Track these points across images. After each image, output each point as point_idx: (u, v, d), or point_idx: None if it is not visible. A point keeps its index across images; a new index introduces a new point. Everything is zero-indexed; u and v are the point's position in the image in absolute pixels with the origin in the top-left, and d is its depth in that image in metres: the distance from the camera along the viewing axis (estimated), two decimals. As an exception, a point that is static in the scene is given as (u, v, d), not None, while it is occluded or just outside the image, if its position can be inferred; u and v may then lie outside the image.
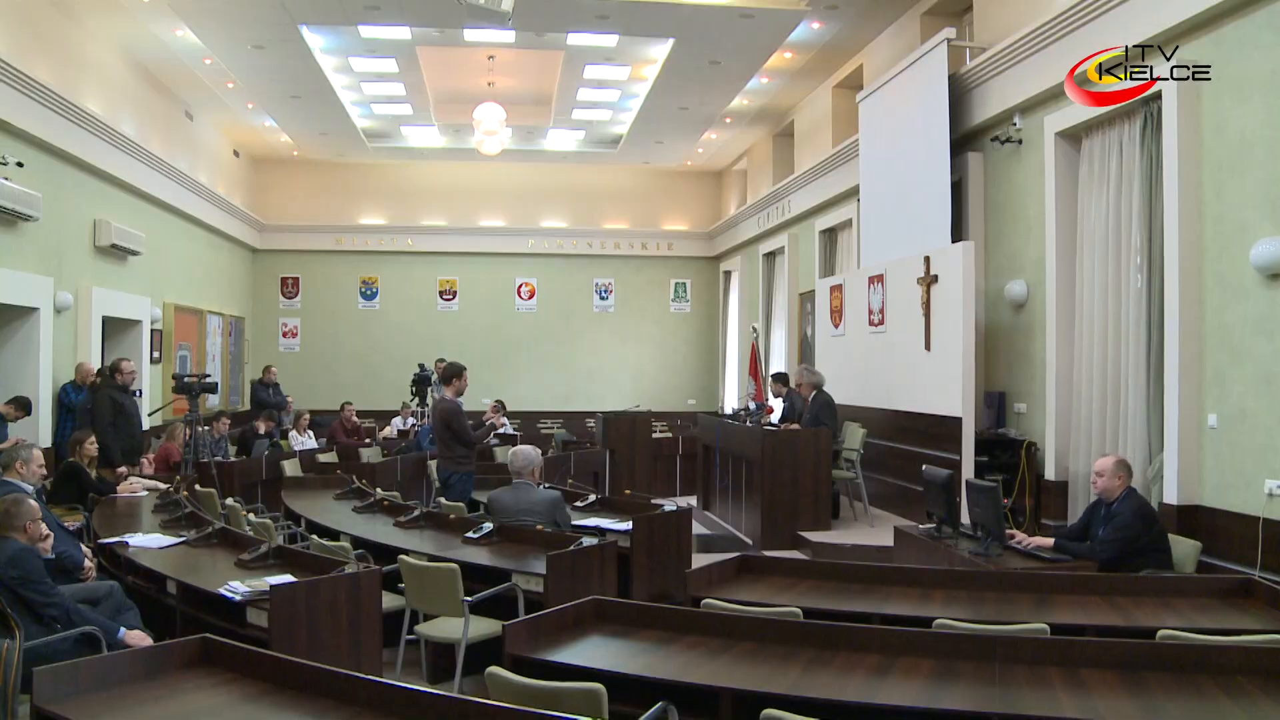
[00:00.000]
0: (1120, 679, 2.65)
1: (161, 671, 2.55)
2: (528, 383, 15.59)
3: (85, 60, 9.10)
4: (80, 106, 8.53)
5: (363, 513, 5.76)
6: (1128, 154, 6.04)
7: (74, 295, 8.64)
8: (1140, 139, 5.90)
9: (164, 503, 5.62)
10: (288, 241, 15.20)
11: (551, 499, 5.11)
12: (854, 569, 3.98)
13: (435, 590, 4.11)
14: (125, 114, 9.90)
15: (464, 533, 4.88)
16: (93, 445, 6.39)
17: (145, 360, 10.14)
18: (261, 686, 2.48)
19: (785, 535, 7.33)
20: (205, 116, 12.44)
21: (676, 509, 5.56)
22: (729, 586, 3.79)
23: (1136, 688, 2.60)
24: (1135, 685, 2.61)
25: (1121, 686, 2.61)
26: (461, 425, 6.50)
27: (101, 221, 9.19)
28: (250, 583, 3.65)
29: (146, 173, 10.23)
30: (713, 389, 16.02)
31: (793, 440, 7.42)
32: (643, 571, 5.10)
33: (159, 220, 10.89)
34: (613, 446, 9.60)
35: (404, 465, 8.79)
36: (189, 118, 11.95)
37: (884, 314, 8.40)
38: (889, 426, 8.16)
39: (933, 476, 5.01)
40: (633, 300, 16.00)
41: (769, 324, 13.24)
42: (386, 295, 15.50)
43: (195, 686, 2.50)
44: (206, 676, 2.56)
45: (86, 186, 9.01)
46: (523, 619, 2.97)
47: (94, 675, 2.43)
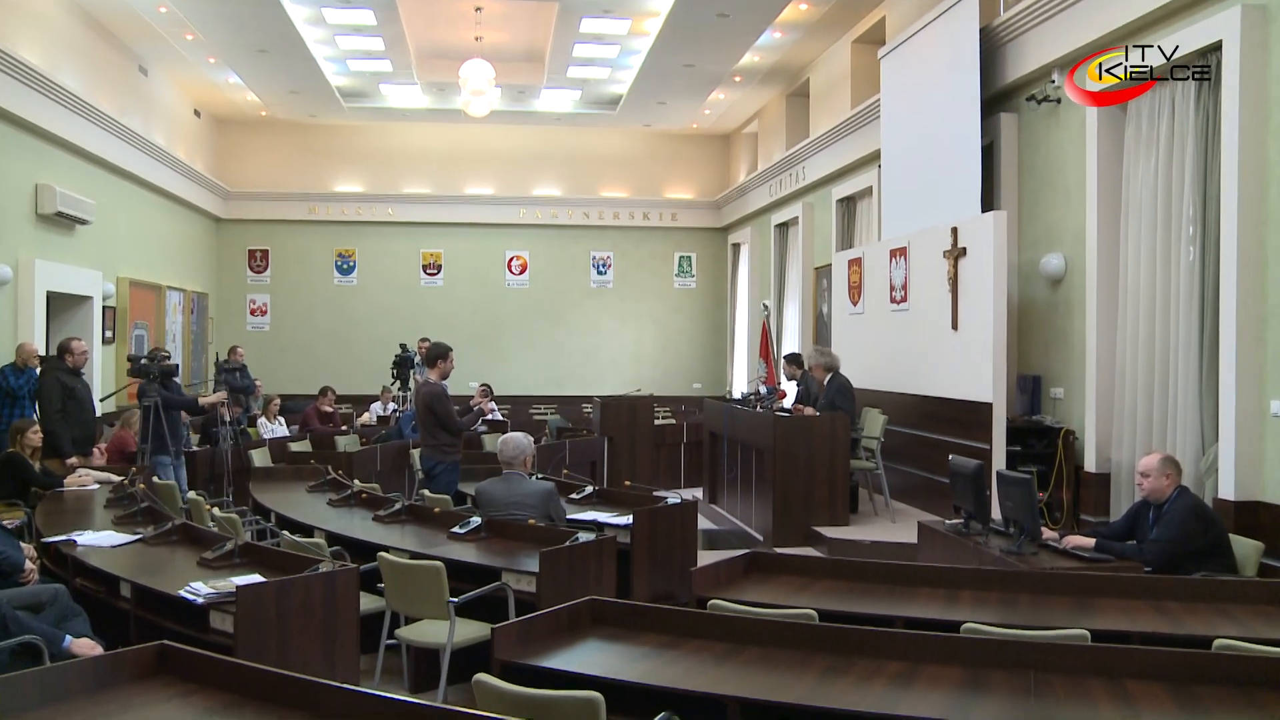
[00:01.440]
0: (1170, 693, 2.63)
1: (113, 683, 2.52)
2: (519, 365, 15.60)
3: (19, 4, 8.90)
4: (15, 56, 8.34)
5: (339, 506, 5.76)
6: (1180, 112, 5.97)
7: (13, 268, 8.58)
8: (1195, 95, 5.82)
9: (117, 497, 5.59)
10: (255, 210, 15.15)
11: (544, 491, 5.11)
12: (874, 568, 3.98)
13: (418, 591, 4.10)
14: (68, 66, 9.74)
15: (449, 528, 4.89)
16: (36, 434, 6.34)
17: (97, 340, 10.10)
18: (226, 698, 2.45)
19: (799, 531, 7.35)
20: (161, 72, 12.33)
21: (680, 502, 5.57)
22: (737, 586, 3.80)
23: (1188, 703, 2.57)
24: (1187, 700, 2.59)
25: (1171, 701, 2.58)
26: (447, 411, 6.50)
27: (44, 187, 9.11)
28: (214, 584, 3.64)
29: (95, 133, 10.11)
30: (720, 371, 16.04)
31: (807, 427, 7.42)
32: (644, 570, 5.11)
33: (111, 186, 10.81)
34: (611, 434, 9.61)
35: (384, 454, 8.81)
36: (143, 73, 11.82)
37: (907, 290, 8.39)
38: (912, 413, 8.15)
39: (960, 467, 5.01)
40: (633, 275, 15.99)
41: (781, 301, 13.26)
42: (365, 269, 15.47)
43: (151, 699, 2.47)
44: (164, 688, 2.53)
45: (25, 147, 8.90)
46: (513, 621, 2.97)
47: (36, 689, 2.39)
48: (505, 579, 4.17)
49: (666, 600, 5.03)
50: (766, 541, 7.43)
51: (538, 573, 4.07)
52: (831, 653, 2.88)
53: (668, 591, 5.19)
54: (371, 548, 4.60)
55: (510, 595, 4.12)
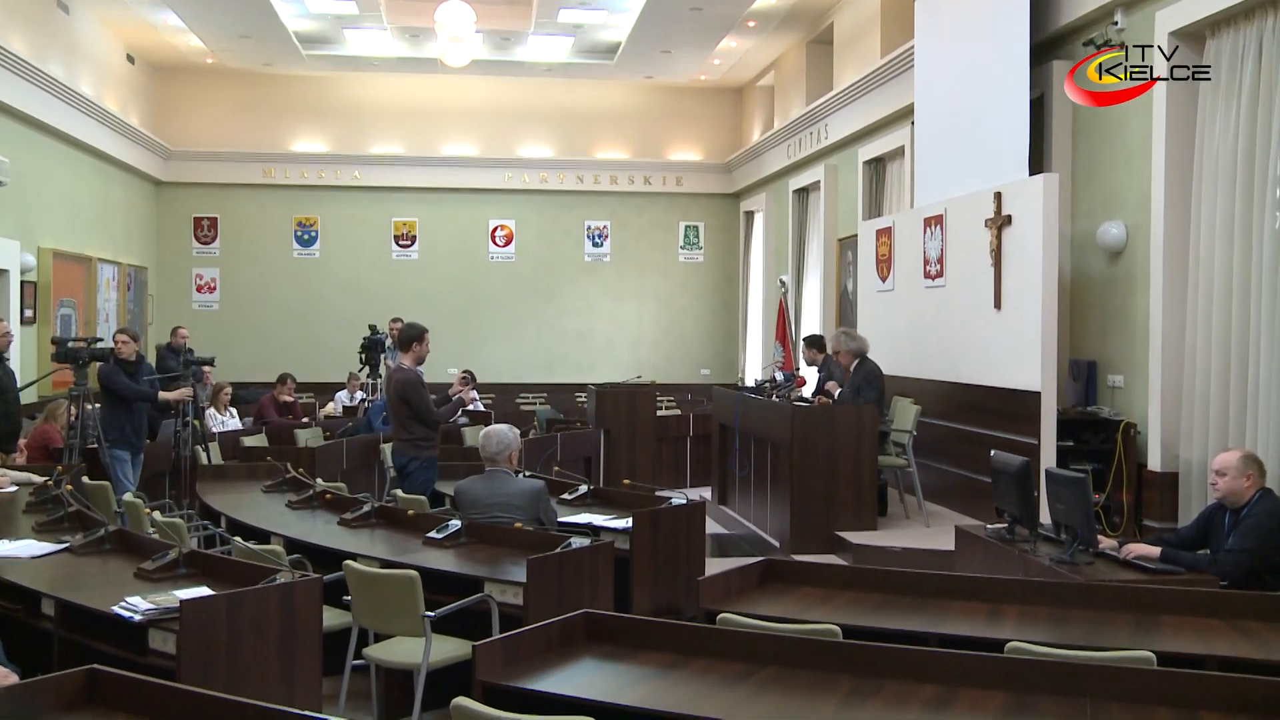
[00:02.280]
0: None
1: (31, 716, 2.48)
2: (504, 348, 15.59)
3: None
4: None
5: (299, 509, 5.78)
6: (1270, 57, 5.90)
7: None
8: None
9: (40, 500, 5.54)
10: (202, 173, 15.11)
11: (533, 490, 5.13)
12: (905, 578, 3.99)
13: (389, 604, 4.11)
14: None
15: (425, 532, 4.91)
16: None
17: (15, 320, 10.07)
18: (166, 728, 2.43)
19: (820, 536, 7.37)
20: (86, 9, 12.23)
21: (686, 503, 5.59)
22: (751, 598, 3.81)
23: (1272, 735, 2.55)
24: (1270, 731, 2.57)
25: (1252, 733, 2.56)
26: (422, 400, 6.51)
27: (-55, 143, 9.04)
28: (154, 598, 3.61)
29: (6, 80, 9.98)
30: (731, 356, 16.04)
31: (830, 418, 7.42)
32: (645, 579, 5.13)
33: (28, 143, 10.73)
34: (608, 426, 9.62)
35: (351, 450, 8.83)
36: (63, 9, 11.69)
37: (943, 264, 8.40)
38: (949, 402, 8.16)
39: (1004, 465, 5.02)
40: (633, 247, 15.97)
41: (800, 276, 13.26)
42: (328, 240, 15.45)
43: (79, 731, 2.44)
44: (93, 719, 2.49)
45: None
46: (497, 638, 2.97)
47: (-59, 723, 2.37)
48: (488, 590, 4.18)
49: (670, 614, 5.03)
50: (783, 548, 7.45)
51: (525, 583, 4.08)
52: (857, 674, 2.87)
53: (672, 604, 5.21)
54: (336, 555, 4.60)
55: (494, 608, 4.13)
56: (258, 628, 3.52)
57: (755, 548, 7.88)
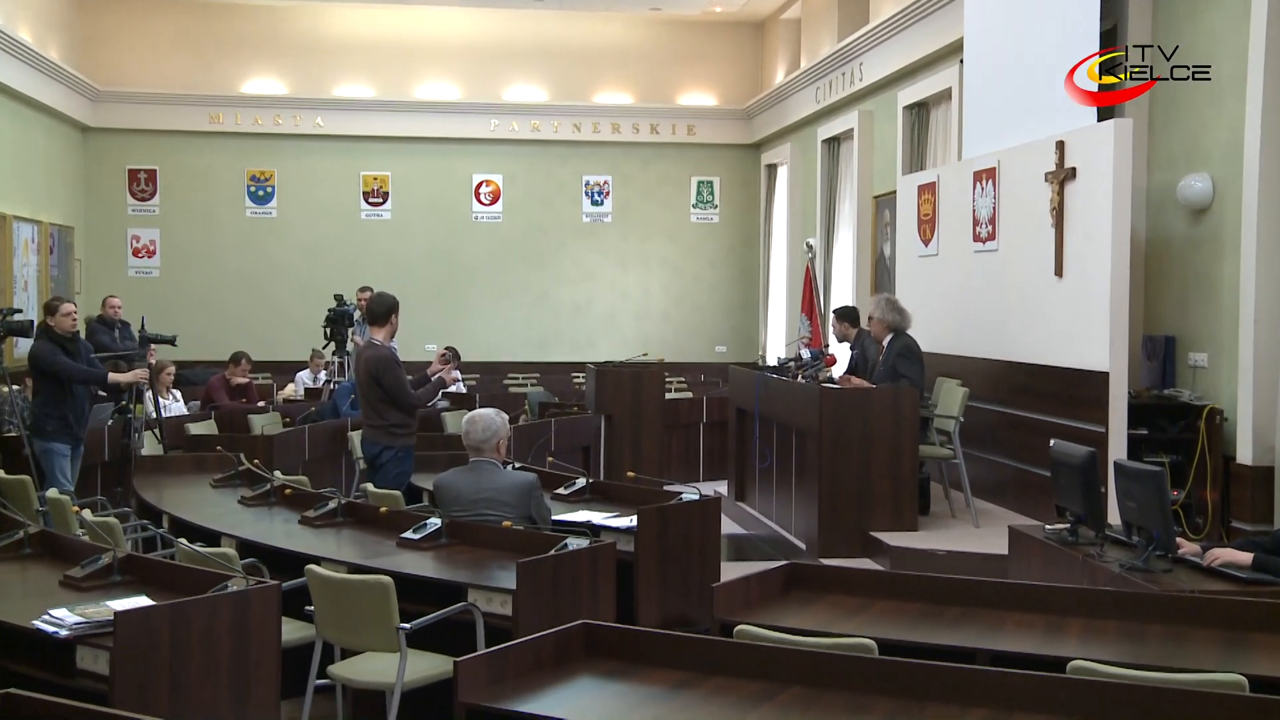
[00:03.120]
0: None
1: (-68, 753, 2.48)
2: (489, 322, 15.60)
3: None
4: None
5: (254, 505, 5.81)
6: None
7: None
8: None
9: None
10: (137, 117, 15.05)
11: (523, 484, 5.16)
12: (951, 586, 4.00)
13: (358, 614, 4.12)
14: None
15: (400, 532, 4.93)
16: None
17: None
18: (97, 760, 2.43)
19: (853, 537, 7.39)
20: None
21: (700, 498, 5.61)
22: (773, 608, 3.82)
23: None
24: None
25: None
26: (397, 381, 6.52)
27: None
28: (83, 610, 3.62)
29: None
30: (750, 331, 16.05)
31: (865, 402, 7.43)
32: (651, 586, 5.15)
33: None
34: (609, 411, 9.63)
35: (314, 438, 8.86)
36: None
37: (996, 225, 8.39)
38: (1001, 384, 8.16)
39: (1066, 456, 5.02)
40: (638, 206, 15.95)
41: (830, 239, 13.28)
42: (287, 198, 15.44)
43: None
44: (11, 752, 2.50)
45: None
46: (483, 653, 2.99)
47: None
48: (473, 598, 4.20)
49: (681, 625, 5.05)
50: (810, 550, 7.47)
51: (514, 590, 4.09)
52: (895, 695, 2.87)
53: (682, 614, 5.23)
54: (297, 559, 4.62)
55: (479, 619, 4.14)
56: (206, 643, 3.51)
57: (778, 550, 7.88)
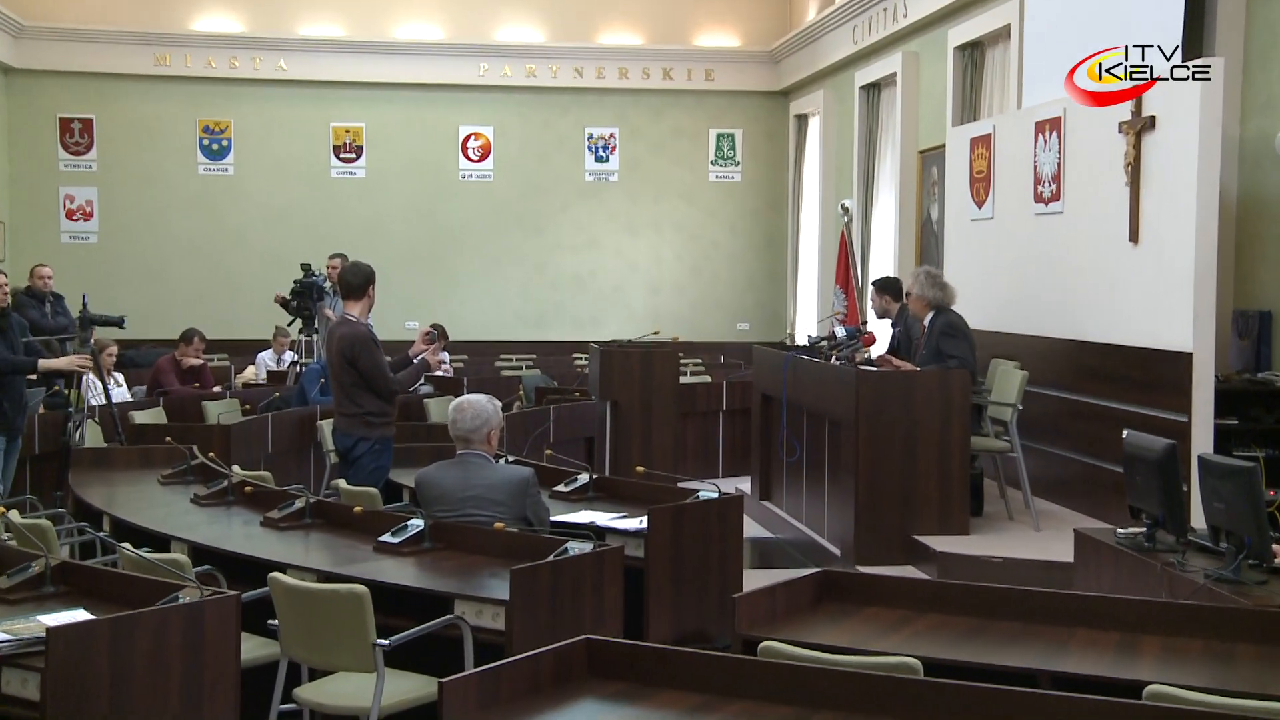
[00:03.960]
0: None
1: None
2: (479, 296, 15.61)
3: None
4: None
5: (209, 505, 5.80)
6: None
7: None
8: None
9: None
10: (70, 58, 14.98)
11: (517, 480, 5.16)
12: (1007, 598, 3.98)
13: (329, 629, 4.11)
14: None
15: (377, 536, 4.92)
16: None
17: None
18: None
19: (894, 541, 7.39)
20: None
21: (719, 497, 5.60)
22: (803, 622, 3.81)
23: None
24: None
25: None
26: (374, 363, 6.51)
27: None
28: (10, 626, 3.59)
29: None
30: (777, 306, 16.05)
31: (908, 387, 7.43)
32: (664, 596, 5.15)
33: None
34: (615, 398, 9.63)
35: (278, 428, 8.88)
36: None
37: (1060, 184, 8.36)
38: (1066, 366, 8.15)
39: (1141, 449, 4.99)
40: (649, 163, 15.92)
41: (869, 201, 13.25)
42: (246, 152, 15.43)
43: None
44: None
45: None
46: (472, 673, 2.97)
47: None
48: (460, 610, 4.19)
49: (698, 641, 5.05)
50: (846, 556, 7.48)
51: (508, 600, 4.09)
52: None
53: (699, 628, 5.23)
54: (259, 566, 4.60)
55: (467, 634, 4.15)
56: (153, 663, 3.48)
57: (808, 556, 7.90)
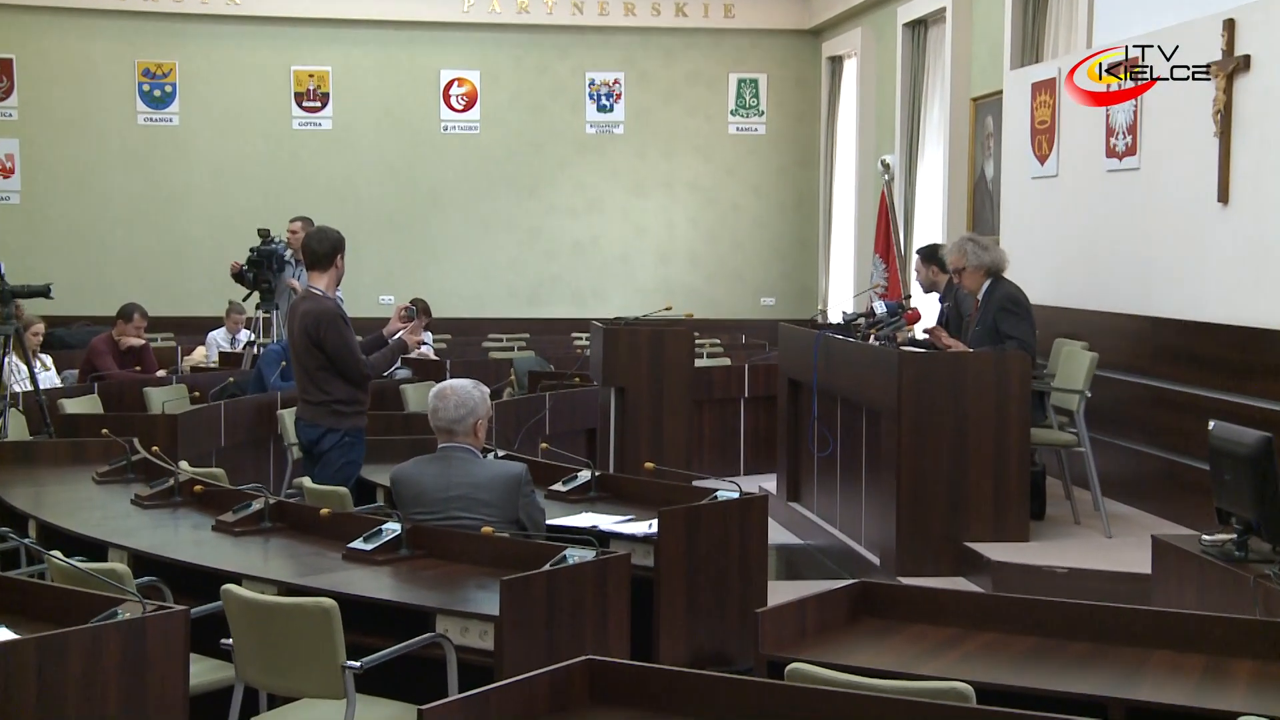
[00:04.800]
0: None
1: None
2: (464, 266, 15.64)
3: None
4: None
5: (152, 506, 5.81)
6: None
7: None
8: None
9: None
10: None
11: (508, 478, 5.18)
12: (1074, 614, 3.99)
13: (292, 649, 4.11)
14: None
15: (347, 542, 4.94)
16: None
17: None
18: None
19: (942, 548, 7.40)
20: None
21: (740, 497, 5.61)
22: (836, 640, 3.83)
23: None
24: None
25: None
26: (343, 344, 6.53)
27: None
28: None
29: None
30: (807, 278, 16.09)
31: (958, 372, 7.41)
32: (676, 611, 5.17)
33: None
34: (622, 383, 9.61)
35: (232, 418, 8.89)
36: None
37: (1137, 135, 8.37)
38: (1143, 347, 8.18)
39: (1231, 443, 4.98)
40: (659, 114, 15.96)
41: (914, 157, 13.26)
42: (193, 100, 15.46)
43: None
44: None
45: None
46: (456, 699, 3.00)
47: None
48: (443, 627, 4.21)
49: (716, 664, 5.07)
50: (886, 566, 7.48)
51: (498, 616, 4.10)
52: (1001, 755, 2.89)
53: (717, 648, 5.25)
54: (211, 577, 4.61)
55: (451, 655, 4.16)
56: (87, 688, 3.48)
57: (843, 565, 7.91)
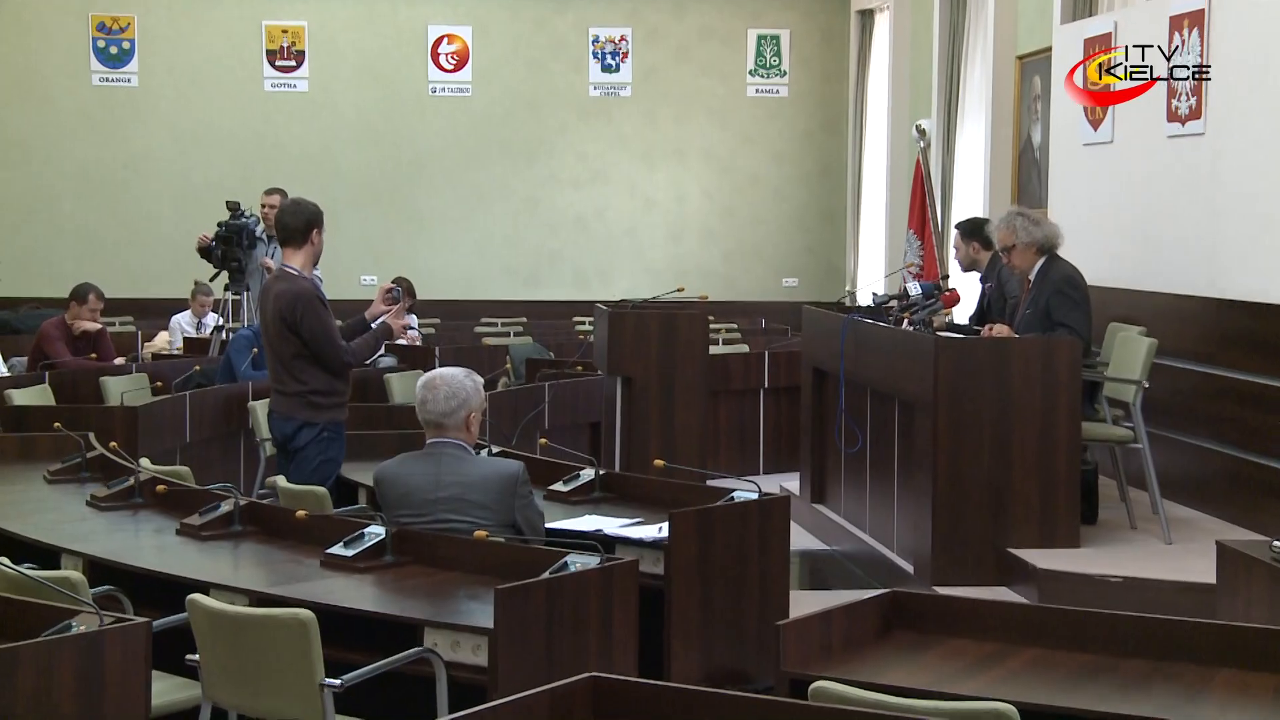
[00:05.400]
0: None
1: None
2: (455, 244, 15.70)
3: None
4: None
5: (111, 508, 5.84)
6: None
7: None
8: None
9: None
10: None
11: (504, 477, 5.20)
12: (1130, 628, 3.99)
13: (265, 665, 4.14)
14: None
15: (326, 548, 4.96)
16: None
17: None
18: None
19: (983, 556, 7.42)
20: None
21: (759, 498, 5.63)
22: (866, 656, 3.85)
23: None
24: None
25: None
26: (322, 328, 6.54)
27: None
28: None
29: None
30: (834, 256, 16.15)
31: (1001, 360, 7.42)
32: (689, 623, 5.19)
33: None
34: (627, 372, 9.62)
35: (198, 411, 8.92)
36: None
37: (1203, 97, 8.35)
38: (1208, 332, 8.19)
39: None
40: (670, 74, 16.02)
41: (952, 122, 13.29)
42: (154, 58, 15.53)
43: None
44: None
45: None
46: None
47: None
48: (431, 641, 4.23)
49: (733, 681, 5.08)
50: (921, 575, 7.49)
51: (492, 629, 4.12)
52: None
53: (733, 665, 5.27)
54: (176, 586, 4.64)
55: (440, 672, 4.18)
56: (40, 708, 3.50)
57: (872, 573, 7.92)
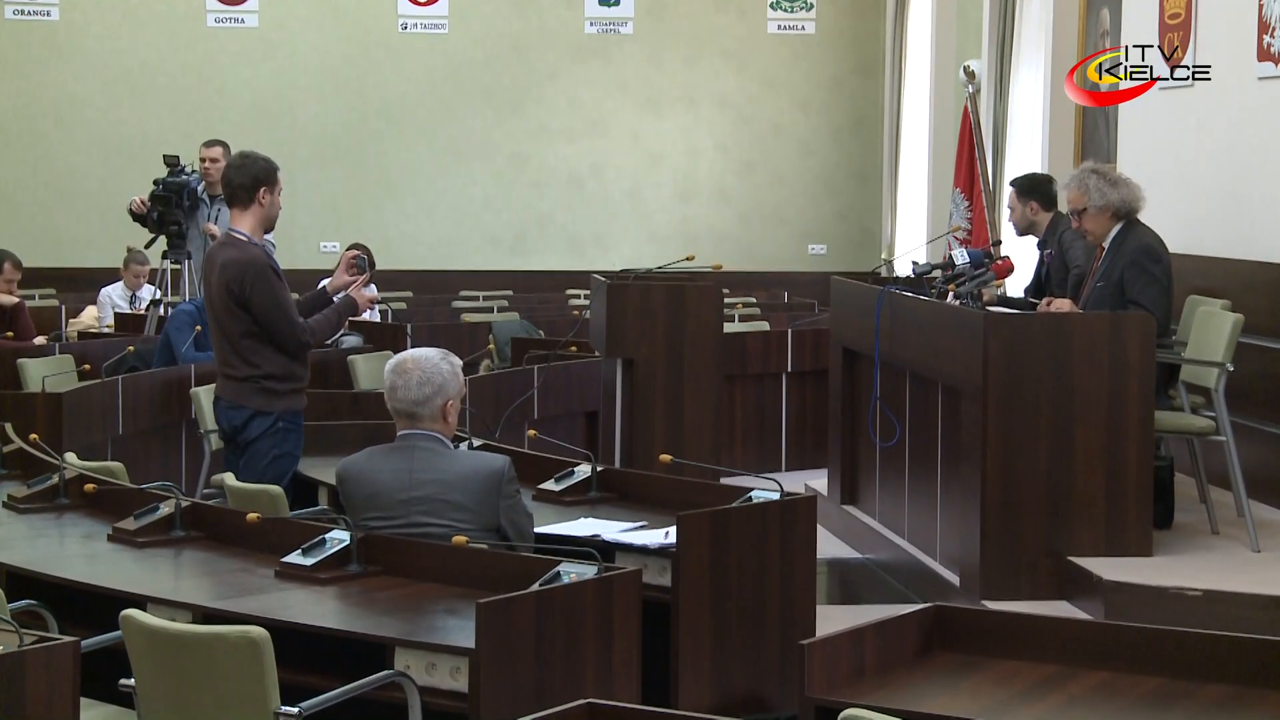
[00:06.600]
0: None
1: None
2: (428, 207, 15.69)
3: None
4: None
5: (32, 510, 5.87)
6: None
7: None
8: None
9: None
10: None
11: (487, 474, 5.23)
12: (1209, 648, 3.97)
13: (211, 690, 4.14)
14: None
15: (282, 556, 4.98)
16: None
17: None
18: None
19: (1039, 565, 7.42)
20: None
21: (781, 498, 5.65)
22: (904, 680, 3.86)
23: None
24: None
25: None
26: (275, 304, 6.57)
27: None
28: None
29: None
30: (868, 220, 16.17)
31: (1061, 339, 7.43)
32: (700, 642, 5.22)
33: None
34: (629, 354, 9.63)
35: (133, 397, 8.93)
36: None
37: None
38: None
39: None
40: (679, 7, 16.06)
41: (1005, 64, 13.26)
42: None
43: None
44: None
45: None
46: None
47: None
48: (403, 663, 4.24)
49: (750, 708, 5.11)
50: (967, 587, 7.50)
51: (473, 649, 4.14)
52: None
53: (752, 689, 5.29)
54: (108, 600, 4.66)
55: (414, 699, 4.18)
56: None
57: (912, 585, 7.95)
